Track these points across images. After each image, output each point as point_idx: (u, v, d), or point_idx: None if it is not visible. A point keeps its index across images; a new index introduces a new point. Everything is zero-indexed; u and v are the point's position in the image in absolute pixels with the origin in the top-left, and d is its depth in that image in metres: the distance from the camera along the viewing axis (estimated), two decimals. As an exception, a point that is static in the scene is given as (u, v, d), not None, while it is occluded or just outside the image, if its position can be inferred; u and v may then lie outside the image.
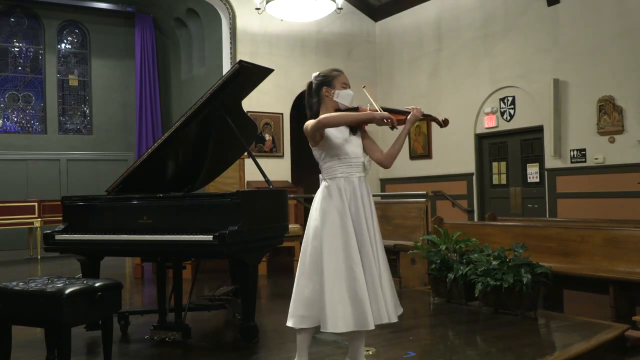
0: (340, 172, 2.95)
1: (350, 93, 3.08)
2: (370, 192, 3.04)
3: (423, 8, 10.68)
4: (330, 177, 2.97)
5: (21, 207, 9.66)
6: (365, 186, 3.01)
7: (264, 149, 10.35)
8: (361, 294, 2.79)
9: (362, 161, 3.02)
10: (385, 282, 2.92)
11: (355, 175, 2.97)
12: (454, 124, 9.94)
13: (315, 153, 3.02)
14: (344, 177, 2.95)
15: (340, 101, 3.04)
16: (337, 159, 2.96)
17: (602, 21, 8.03)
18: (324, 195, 2.95)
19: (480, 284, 4.61)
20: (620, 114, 7.81)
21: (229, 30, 10.34)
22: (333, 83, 3.06)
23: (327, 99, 3.04)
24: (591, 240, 5.09)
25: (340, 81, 3.07)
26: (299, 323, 2.88)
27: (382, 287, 2.88)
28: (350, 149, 2.98)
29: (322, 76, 3.09)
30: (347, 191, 2.93)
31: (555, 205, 8.55)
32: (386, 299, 2.88)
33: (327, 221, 2.89)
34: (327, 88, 3.05)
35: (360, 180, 2.98)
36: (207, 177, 4.60)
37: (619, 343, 4.02)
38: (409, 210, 7.05)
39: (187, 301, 4.34)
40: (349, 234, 2.87)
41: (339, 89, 3.05)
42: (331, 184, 2.95)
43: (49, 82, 12.16)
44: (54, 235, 4.02)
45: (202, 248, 3.63)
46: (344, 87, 3.07)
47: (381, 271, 2.92)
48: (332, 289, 2.80)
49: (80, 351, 3.79)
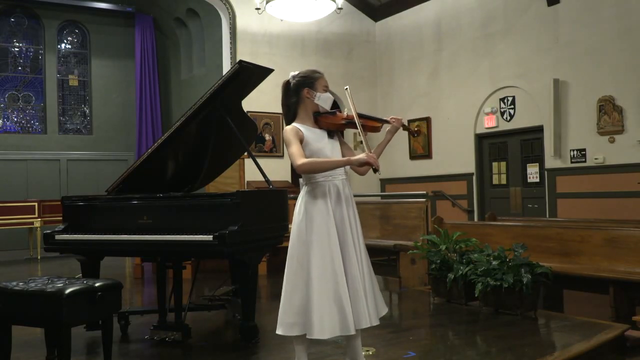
0: (322, 176, 2.92)
1: (330, 97, 3.06)
2: (352, 194, 3.01)
3: (423, 8, 10.68)
4: (313, 182, 2.94)
5: (21, 207, 9.66)
6: (349, 188, 2.99)
7: (264, 149, 10.35)
8: (344, 298, 2.78)
9: None
10: (367, 285, 2.89)
11: (338, 178, 2.95)
12: (454, 124, 10.02)
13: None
14: (327, 180, 2.92)
15: (321, 104, 3.01)
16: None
17: (602, 21, 8.03)
18: (307, 199, 2.93)
19: (480, 284, 4.61)
20: (620, 114, 7.81)
21: (229, 30, 10.34)
22: (315, 85, 3.00)
23: (308, 100, 2.99)
24: (591, 240, 5.09)
25: (321, 84, 3.02)
26: (289, 331, 2.86)
27: (365, 290, 2.86)
28: (330, 152, 2.96)
29: (303, 77, 3.03)
30: (332, 194, 2.91)
31: (555, 205, 8.55)
32: (368, 303, 2.86)
33: (314, 226, 2.87)
34: (308, 89, 2.99)
35: (343, 183, 2.96)
36: (207, 177, 4.60)
37: (619, 343, 4.02)
38: (409, 210, 7.05)
39: (187, 301, 4.34)
40: (333, 239, 2.85)
41: (320, 91, 3.01)
42: (315, 187, 2.92)
43: (49, 82, 12.15)
44: (54, 235, 4.02)
45: (202, 248, 3.63)
46: (325, 90, 3.03)
47: (364, 274, 2.90)
48: (320, 294, 2.78)
49: (80, 351, 3.79)
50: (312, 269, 2.82)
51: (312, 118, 3.02)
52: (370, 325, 2.85)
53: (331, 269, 2.82)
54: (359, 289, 2.84)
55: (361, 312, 2.82)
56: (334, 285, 2.80)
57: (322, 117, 3.03)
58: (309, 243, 2.86)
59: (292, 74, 3.07)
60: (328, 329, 2.77)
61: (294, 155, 2.84)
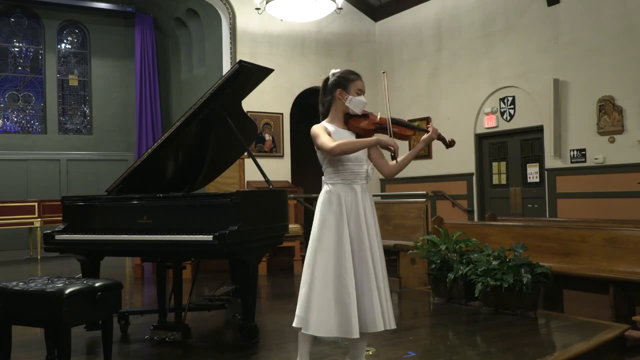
0: (341, 178, 2.93)
1: (362, 101, 3.03)
2: (372, 201, 3.01)
3: (423, 8, 10.68)
4: (332, 183, 2.95)
5: (21, 207, 9.66)
6: (368, 195, 2.99)
7: (264, 149, 10.35)
8: (348, 302, 2.78)
9: (365, 169, 2.98)
10: (386, 290, 2.91)
11: (357, 183, 2.94)
12: (454, 124, 10.01)
13: (320, 156, 3.00)
14: (345, 184, 2.93)
15: (351, 107, 3.00)
16: (340, 165, 2.93)
17: (602, 21, 8.03)
18: (324, 200, 2.94)
19: (480, 284, 4.61)
20: (620, 114, 7.81)
21: (229, 30, 10.34)
22: (348, 87, 2.99)
23: (339, 101, 3.00)
24: (591, 240, 5.09)
25: (355, 87, 3.01)
26: (295, 322, 2.89)
27: (381, 295, 2.87)
28: (355, 155, 2.93)
29: (339, 77, 3.02)
30: (348, 199, 2.91)
31: (555, 205, 8.55)
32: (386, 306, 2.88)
33: (324, 227, 2.88)
34: (341, 91, 2.99)
35: (362, 189, 2.95)
36: (207, 177, 4.60)
37: (619, 343, 4.02)
38: (409, 210, 7.05)
39: (187, 301, 4.34)
40: (344, 242, 2.85)
41: (352, 94, 2.99)
42: (332, 190, 2.93)
43: (49, 82, 12.15)
44: (54, 235, 4.02)
45: (202, 248, 3.63)
46: (359, 94, 3.01)
47: (383, 280, 2.91)
48: (319, 293, 2.80)
49: (80, 351, 3.79)
50: (316, 268, 2.85)
51: (342, 119, 3.02)
52: (390, 327, 2.87)
53: (336, 270, 2.82)
54: (375, 293, 2.83)
55: (377, 316, 2.82)
56: (336, 287, 2.80)
57: (353, 120, 3.03)
58: (319, 243, 2.88)
59: (332, 71, 3.07)
60: (325, 328, 2.79)
61: (324, 144, 2.84)
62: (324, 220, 2.90)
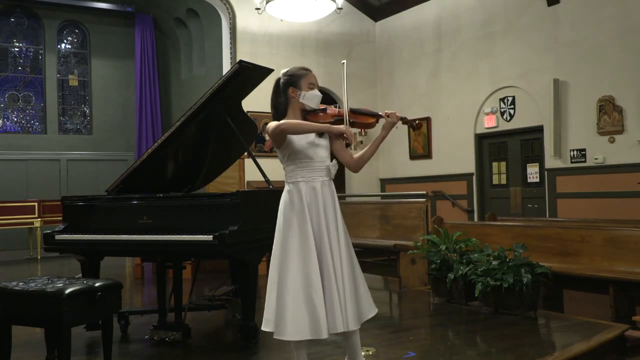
0: (301, 176, 2.86)
1: (316, 94, 2.94)
2: (335, 196, 2.93)
3: (423, 8, 10.68)
4: (292, 182, 2.88)
5: (21, 207, 9.66)
6: (330, 190, 2.90)
7: (264, 149, 10.34)
8: (317, 302, 2.73)
9: (326, 165, 2.90)
10: (347, 289, 2.81)
11: (317, 180, 2.87)
12: (454, 124, 10.02)
13: (279, 155, 2.93)
14: (305, 182, 2.86)
15: (306, 102, 2.92)
16: (299, 162, 2.86)
17: (602, 21, 8.03)
18: (285, 201, 2.88)
19: (480, 284, 4.61)
20: (620, 114, 7.81)
21: (229, 30, 10.34)
22: (299, 83, 2.90)
23: (294, 100, 2.91)
24: (591, 240, 5.09)
25: (307, 81, 2.91)
26: (265, 325, 2.82)
27: (343, 294, 2.79)
28: (314, 152, 2.87)
29: (289, 75, 2.93)
30: (308, 196, 2.84)
31: (555, 205, 8.55)
32: (346, 307, 2.78)
33: (288, 228, 2.82)
34: (293, 89, 2.90)
35: (323, 185, 2.88)
36: (207, 177, 4.60)
37: (619, 343, 4.02)
38: (409, 210, 7.05)
39: (187, 301, 4.34)
40: (309, 242, 2.79)
41: (305, 89, 2.90)
42: (292, 189, 2.87)
43: (49, 82, 12.15)
44: (54, 235, 4.02)
45: (202, 248, 3.63)
46: (311, 88, 2.92)
47: (344, 277, 2.82)
48: (292, 298, 2.73)
49: (80, 351, 3.79)
50: (284, 273, 2.77)
51: (300, 118, 2.94)
52: (348, 329, 2.79)
53: (303, 271, 2.76)
54: (335, 293, 2.76)
55: (337, 317, 2.75)
56: (306, 289, 2.74)
57: (310, 115, 2.96)
58: (284, 245, 2.81)
59: (282, 72, 2.98)
60: (298, 331, 2.72)
61: (272, 125, 2.78)
62: (287, 223, 2.83)
